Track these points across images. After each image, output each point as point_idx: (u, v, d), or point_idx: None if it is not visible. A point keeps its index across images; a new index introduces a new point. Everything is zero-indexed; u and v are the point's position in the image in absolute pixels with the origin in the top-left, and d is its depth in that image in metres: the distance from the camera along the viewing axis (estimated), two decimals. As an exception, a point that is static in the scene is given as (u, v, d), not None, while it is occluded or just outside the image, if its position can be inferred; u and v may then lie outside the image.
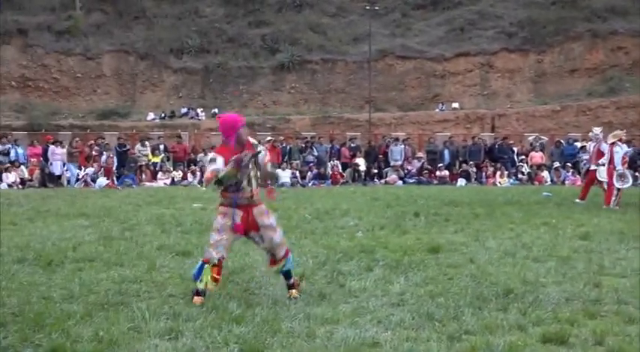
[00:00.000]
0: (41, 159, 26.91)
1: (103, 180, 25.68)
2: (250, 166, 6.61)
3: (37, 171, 25.95)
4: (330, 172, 27.20)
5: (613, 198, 16.54)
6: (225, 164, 6.46)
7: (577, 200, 17.68)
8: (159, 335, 5.40)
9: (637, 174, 27.43)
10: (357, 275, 7.72)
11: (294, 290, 6.77)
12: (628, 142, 28.23)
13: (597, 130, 18.23)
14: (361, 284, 7.26)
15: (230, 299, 6.58)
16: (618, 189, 16.73)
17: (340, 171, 27.76)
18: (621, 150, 17.10)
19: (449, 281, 7.46)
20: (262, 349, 5.12)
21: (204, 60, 49.23)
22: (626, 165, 17.31)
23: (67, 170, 26.42)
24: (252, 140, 6.88)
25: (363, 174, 28.42)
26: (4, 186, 24.37)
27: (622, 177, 16.80)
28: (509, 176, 28.36)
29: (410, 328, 5.68)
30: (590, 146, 18.24)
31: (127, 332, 5.44)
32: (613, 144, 17.16)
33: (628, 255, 9.22)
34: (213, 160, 6.58)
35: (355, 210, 15.18)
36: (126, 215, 14.25)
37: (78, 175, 26.28)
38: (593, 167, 18.16)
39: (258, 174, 6.75)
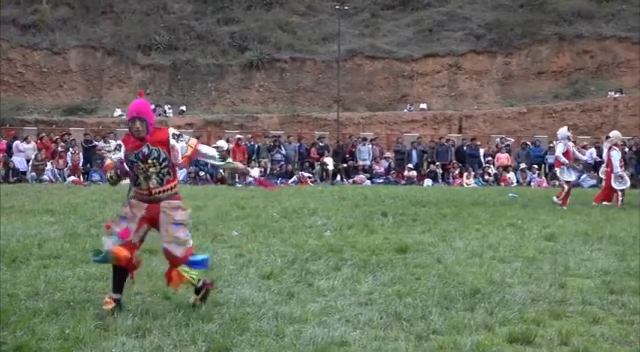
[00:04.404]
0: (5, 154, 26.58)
1: (70, 178, 25.43)
2: (151, 162, 6.14)
3: (0, 167, 25.61)
4: (297, 180, 27.09)
5: (620, 199, 17.58)
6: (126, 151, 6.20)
7: (605, 202, 17.81)
8: (126, 333, 5.36)
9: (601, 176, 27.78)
10: (325, 275, 7.73)
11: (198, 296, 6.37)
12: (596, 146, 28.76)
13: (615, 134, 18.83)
14: (329, 283, 7.27)
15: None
16: (619, 190, 17.68)
17: (307, 176, 27.59)
18: (617, 154, 17.97)
19: (416, 281, 7.49)
20: (230, 347, 5.10)
21: (172, 57, 48.94)
22: (622, 168, 18.28)
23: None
24: (172, 130, 6.35)
25: (331, 173, 28.43)
26: (-33, 181, 24.03)
27: (620, 178, 17.73)
28: (475, 177, 28.55)
29: (378, 327, 5.70)
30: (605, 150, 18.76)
31: (93, 330, 5.39)
32: (610, 148, 18.07)
33: (592, 256, 9.33)
34: (117, 149, 6.32)
35: (323, 210, 15.18)
36: (92, 212, 14.12)
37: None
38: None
39: (171, 169, 6.26)
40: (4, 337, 5.18)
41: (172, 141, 6.21)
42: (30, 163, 26.06)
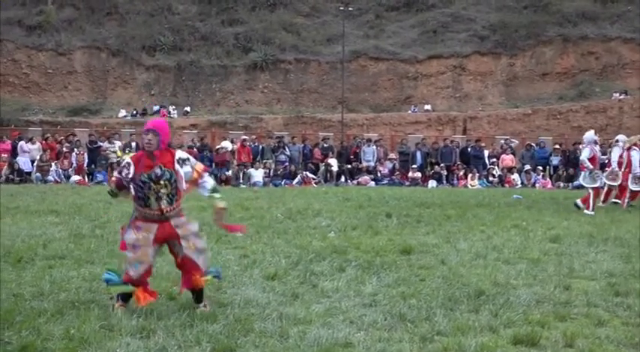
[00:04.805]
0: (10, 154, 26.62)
1: (74, 177, 25.47)
2: (163, 183, 6.12)
3: (5, 167, 25.66)
4: (301, 180, 27.09)
5: (626, 200, 17.40)
6: (135, 172, 6.14)
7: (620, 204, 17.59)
8: (130, 334, 5.37)
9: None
10: (329, 276, 7.72)
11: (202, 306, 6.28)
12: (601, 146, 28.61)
13: (623, 137, 18.56)
14: (334, 284, 7.27)
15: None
16: (632, 191, 17.44)
17: (311, 177, 27.56)
18: (638, 155, 17.48)
19: (421, 283, 7.48)
20: (234, 348, 5.11)
21: (177, 58, 49.05)
22: None
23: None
24: (179, 154, 6.35)
25: (335, 174, 28.42)
26: (-28, 182, 24.07)
27: (638, 179, 17.38)
28: (480, 178, 28.51)
29: (382, 328, 5.70)
30: (614, 152, 18.26)
31: (98, 330, 5.40)
32: (630, 148, 17.63)
33: (597, 257, 9.31)
34: (126, 166, 6.24)
35: (327, 211, 15.17)
36: (97, 212, 14.15)
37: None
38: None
39: (178, 189, 6.24)
40: (9, 337, 5.19)
41: (177, 167, 6.22)
42: (35, 164, 26.09)
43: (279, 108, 47.97)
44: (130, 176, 6.17)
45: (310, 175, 27.60)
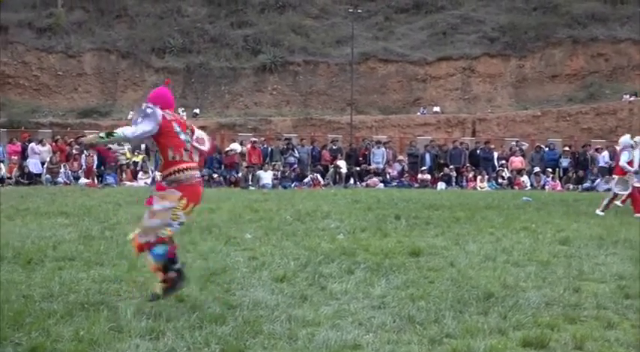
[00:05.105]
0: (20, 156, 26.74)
1: (83, 179, 25.55)
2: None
3: (15, 169, 25.76)
4: (311, 181, 27.11)
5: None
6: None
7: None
8: (139, 335, 5.37)
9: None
10: (338, 278, 7.72)
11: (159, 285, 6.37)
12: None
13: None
14: (342, 286, 7.26)
15: (211, 299, 6.55)
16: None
17: (320, 180, 27.56)
18: None
19: (430, 285, 7.47)
20: (243, 350, 5.11)
21: (186, 60, 49.18)
22: None
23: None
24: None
25: (344, 176, 28.41)
26: (-18, 183, 24.16)
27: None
28: (489, 180, 28.46)
29: (391, 331, 5.69)
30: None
31: (107, 331, 5.41)
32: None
33: (607, 260, 9.28)
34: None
35: (336, 213, 15.16)
36: (106, 214, 14.17)
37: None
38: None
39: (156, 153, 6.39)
40: (19, 338, 5.20)
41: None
42: (45, 166, 26.17)
43: (288, 110, 48.03)
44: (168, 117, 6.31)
45: (319, 177, 27.60)
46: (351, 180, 28.31)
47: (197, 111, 46.92)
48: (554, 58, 48.05)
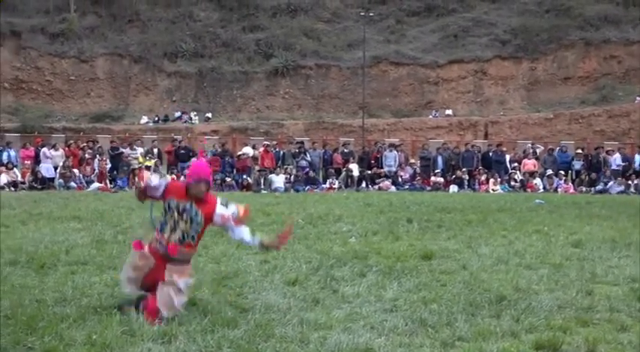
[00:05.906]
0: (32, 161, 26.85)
1: (96, 183, 25.65)
2: (185, 218, 6.09)
3: (28, 174, 25.88)
4: (326, 186, 27.14)
5: None
6: (165, 195, 6.14)
7: None
8: (152, 339, 5.38)
9: (629, 183, 27.53)
10: (350, 281, 7.71)
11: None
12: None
13: None
14: (354, 289, 7.26)
15: (223, 303, 6.56)
16: None
17: (334, 184, 27.53)
18: None
19: (442, 288, 7.46)
20: (256, 353, 5.13)
21: (198, 64, 49.30)
22: None
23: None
24: (220, 211, 6.22)
25: (356, 179, 28.40)
26: (-4, 188, 24.27)
27: None
28: (501, 183, 28.40)
29: (403, 334, 5.68)
30: None
31: (120, 335, 5.42)
32: None
33: (620, 262, 9.24)
34: (160, 184, 6.21)
35: (348, 216, 15.16)
36: (119, 218, 14.21)
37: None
38: None
39: (191, 230, 6.13)
40: (32, 342, 5.23)
41: (220, 210, 6.19)
42: (58, 170, 26.28)
43: (299, 114, 48.07)
44: (158, 194, 6.19)
45: (333, 181, 27.62)
46: (363, 184, 28.29)
47: (209, 115, 47.03)
48: (566, 61, 47.90)
